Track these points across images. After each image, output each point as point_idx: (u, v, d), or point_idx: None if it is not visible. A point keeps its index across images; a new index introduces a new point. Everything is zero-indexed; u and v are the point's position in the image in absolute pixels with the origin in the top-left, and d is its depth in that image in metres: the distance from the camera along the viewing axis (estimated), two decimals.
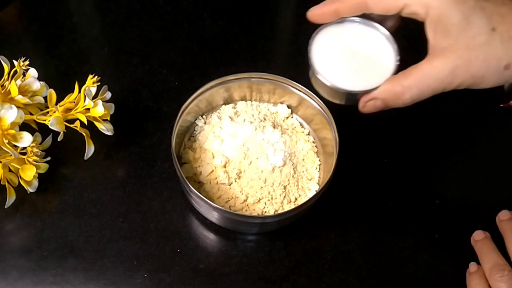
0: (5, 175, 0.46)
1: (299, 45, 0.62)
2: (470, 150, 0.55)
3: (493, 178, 0.54)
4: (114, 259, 0.46)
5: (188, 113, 0.49)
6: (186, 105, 0.48)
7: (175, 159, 0.44)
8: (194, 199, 0.45)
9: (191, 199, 0.47)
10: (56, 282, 0.45)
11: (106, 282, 0.45)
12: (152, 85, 0.57)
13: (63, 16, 0.63)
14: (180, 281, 0.45)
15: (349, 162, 0.47)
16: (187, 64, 0.60)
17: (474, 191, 0.53)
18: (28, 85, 0.48)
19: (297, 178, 0.48)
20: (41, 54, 0.60)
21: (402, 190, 0.52)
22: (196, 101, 0.49)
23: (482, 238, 0.47)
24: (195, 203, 0.46)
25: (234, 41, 0.62)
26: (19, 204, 0.48)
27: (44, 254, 0.46)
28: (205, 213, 0.47)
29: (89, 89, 0.48)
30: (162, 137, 0.53)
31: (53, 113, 0.48)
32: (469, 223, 0.50)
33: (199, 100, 0.50)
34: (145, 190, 0.50)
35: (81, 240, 0.47)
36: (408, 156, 0.54)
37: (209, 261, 0.46)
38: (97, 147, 0.49)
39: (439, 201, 0.51)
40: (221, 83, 0.50)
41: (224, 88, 0.51)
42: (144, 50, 0.60)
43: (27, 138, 0.45)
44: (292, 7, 0.68)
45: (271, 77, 0.50)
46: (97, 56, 0.61)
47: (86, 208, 0.49)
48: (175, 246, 0.47)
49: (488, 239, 0.47)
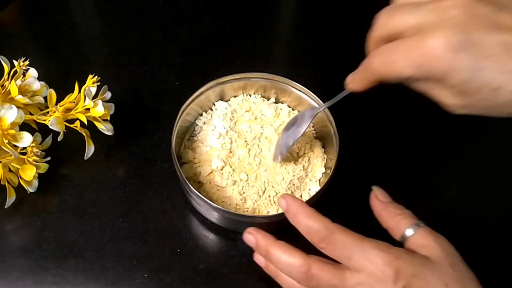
0: (5, 175, 0.46)
1: (299, 45, 0.62)
2: (470, 150, 0.55)
3: (493, 178, 0.54)
4: (114, 259, 0.46)
5: (188, 113, 0.49)
6: (186, 105, 0.48)
7: (175, 159, 0.45)
8: (194, 199, 0.46)
9: (191, 199, 0.47)
10: (56, 282, 0.45)
11: (106, 282, 0.45)
12: (152, 85, 0.57)
13: (63, 16, 0.63)
14: (180, 281, 0.45)
15: (349, 162, 0.47)
16: (187, 64, 0.60)
17: (474, 191, 0.53)
18: (28, 85, 0.48)
19: (298, 178, 0.48)
20: (41, 54, 0.60)
21: (402, 190, 0.52)
22: (196, 101, 0.49)
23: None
24: (195, 203, 0.46)
25: (234, 41, 0.62)
26: (19, 204, 0.48)
27: (44, 254, 0.46)
28: (205, 213, 0.47)
29: (89, 89, 0.48)
30: (162, 137, 0.53)
31: (53, 113, 0.48)
32: (469, 223, 0.50)
33: (199, 100, 0.50)
34: (145, 190, 0.50)
35: (81, 240, 0.47)
36: (408, 156, 0.54)
37: (209, 261, 0.46)
38: (97, 147, 0.49)
39: (439, 201, 0.51)
40: (221, 83, 0.50)
41: (223, 88, 0.51)
42: (144, 50, 0.61)
43: (27, 138, 0.45)
44: (292, 7, 0.68)
45: (271, 77, 0.50)
46: (97, 56, 0.61)
47: (86, 208, 0.49)
48: (175, 246, 0.47)
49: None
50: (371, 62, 0.34)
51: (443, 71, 0.30)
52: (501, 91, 0.30)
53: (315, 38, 0.63)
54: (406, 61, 0.31)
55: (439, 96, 0.33)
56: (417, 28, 0.31)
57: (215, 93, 0.51)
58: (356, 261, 0.34)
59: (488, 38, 0.29)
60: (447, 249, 0.37)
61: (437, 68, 0.30)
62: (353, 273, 0.35)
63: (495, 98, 0.31)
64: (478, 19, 0.30)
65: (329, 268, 0.35)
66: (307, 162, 0.50)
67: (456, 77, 0.30)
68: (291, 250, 0.37)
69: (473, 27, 0.29)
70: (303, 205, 0.38)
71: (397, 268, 0.34)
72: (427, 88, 0.33)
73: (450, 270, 0.35)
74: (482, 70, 0.30)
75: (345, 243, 0.35)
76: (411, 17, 0.32)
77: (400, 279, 0.34)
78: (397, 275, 0.34)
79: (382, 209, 0.39)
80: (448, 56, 0.29)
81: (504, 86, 0.30)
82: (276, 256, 0.37)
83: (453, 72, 0.30)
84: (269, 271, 0.40)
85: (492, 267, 0.47)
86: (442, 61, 0.30)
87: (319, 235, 0.36)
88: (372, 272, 0.34)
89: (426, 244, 0.37)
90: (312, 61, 0.61)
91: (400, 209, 0.39)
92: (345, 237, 0.35)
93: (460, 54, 0.29)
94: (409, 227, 0.38)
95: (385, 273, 0.34)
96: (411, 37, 0.31)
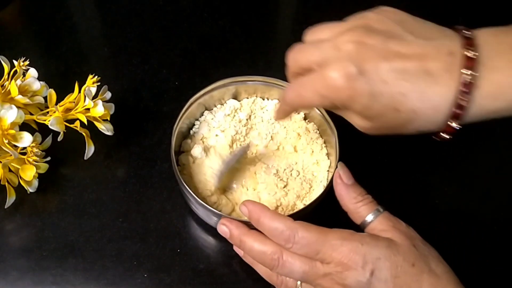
0: (5, 175, 0.46)
1: None
2: (470, 150, 0.55)
3: (493, 178, 0.54)
4: (114, 259, 0.46)
5: (187, 116, 0.49)
6: (186, 107, 0.48)
7: (175, 164, 0.44)
8: (193, 204, 0.45)
9: (190, 203, 0.46)
10: (56, 282, 0.45)
11: (106, 282, 0.45)
12: (152, 85, 0.57)
13: (63, 16, 0.63)
14: (180, 281, 0.45)
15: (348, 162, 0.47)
16: (187, 64, 0.60)
17: (474, 191, 0.53)
18: (28, 85, 0.48)
19: (299, 181, 0.48)
20: (41, 54, 0.60)
21: (402, 190, 0.52)
22: (196, 104, 0.49)
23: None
24: (194, 207, 0.46)
25: (234, 41, 0.62)
26: (19, 204, 0.48)
27: (44, 254, 0.46)
28: (204, 217, 0.46)
29: (89, 89, 0.48)
30: (162, 137, 0.53)
31: (53, 113, 0.48)
32: (469, 223, 0.50)
33: (198, 103, 0.50)
34: (145, 190, 0.50)
35: (81, 240, 0.47)
36: (408, 156, 0.54)
37: (209, 261, 0.46)
38: (97, 147, 0.49)
39: (439, 201, 0.51)
40: (222, 86, 0.50)
41: (225, 90, 0.51)
42: (144, 50, 0.61)
43: (27, 138, 0.45)
44: (292, 7, 0.68)
45: (267, 80, 0.50)
46: (97, 56, 0.61)
47: (86, 208, 0.49)
48: (175, 246, 0.47)
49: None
50: (285, 97, 0.38)
51: (344, 99, 0.33)
52: (400, 112, 0.33)
53: None
54: (312, 93, 0.34)
55: (351, 121, 0.36)
56: (320, 63, 0.34)
57: (216, 95, 0.51)
58: (324, 253, 0.36)
59: (380, 66, 0.32)
60: (406, 231, 0.38)
61: (339, 97, 0.33)
62: (323, 264, 0.36)
63: (397, 118, 0.33)
64: (369, 50, 0.33)
65: (300, 255, 0.37)
66: (309, 166, 0.49)
67: (358, 104, 0.33)
68: (263, 239, 0.39)
69: (365, 58, 0.32)
70: (264, 208, 0.39)
71: (363, 253, 0.35)
72: (342, 114, 0.36)
73: (413, 250, 0.37)
74: (379, 95, 0.32)
75: (309, 239, 0.36)
76: (314, 54, 0.35)
77: (367, 263, 0.35)
78: (364, 260, 0.35)
79: (344, 192, 0.41)
80: (346, 85, 0.32)
81: (402, 107, 0.32)
82: (249, 244, 0.39)
83: (353, 99, 0.33)
84: (247, 260, 0.42)
85: (492, 267, 0.47)
86: (342, 90, 0.33)
87: (283, 236, 0.37)
88: (340, 261, 0.36)
89: (387, 229, 0.38)
90: None
91: (361, 195, 0.41)
92: (309, 233, 0.37)
93: (357, 82, 0.32)
94: (369, 213, 0.39)
95: (352, 260, 0.35)
96: (315, 72, 0.34)
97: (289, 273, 0.38)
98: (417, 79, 0.32)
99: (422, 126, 0.34)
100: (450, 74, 0.32)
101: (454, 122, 0.33)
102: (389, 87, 0.32)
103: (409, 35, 0.33)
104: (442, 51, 0.32)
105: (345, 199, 0.41)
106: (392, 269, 0.35)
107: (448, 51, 0.32)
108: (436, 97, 0.32)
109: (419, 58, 0.32)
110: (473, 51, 0.32)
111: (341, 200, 0.41)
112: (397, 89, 0.32)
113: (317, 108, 0.49)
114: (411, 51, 0.32)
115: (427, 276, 0.36)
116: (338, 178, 0.41)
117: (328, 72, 0.33)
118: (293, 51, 0.37)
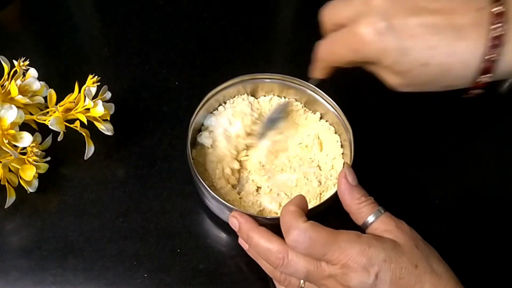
0: (5, 175, 0.46)
1: (299, 45, 0.62)
2: (471, 149, 0.55)
3: (493, 178, 0.54)
4: (114, 259, 0.46)
5: (201, 114, 0.49)
6: (203, 102, 0.48)
7: (191, 160, 0.44)
8: (207, 198, 0.45)
9: (204, 198, 0.46)
10: (56, 282, 0.45)
11: (106, 282, 0.45)
12: (152, 85, 0.57)
13: (63, 16, 0.63)
14: (180, 281, 0.45)
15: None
16: (187, 64, 0.60)
17: (474, 191, 0.53)
18: (28, 85, 0.48)
19: (315, 180, 0.48)
20: (41, 54, 0.60)
21: (402, 190, 0.52)
22: (213, 99, 0.49)
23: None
24: (208, 202, 0.46)
25: (234, 41, 0.62)
26: (19, 204, 0.48)
27: (44, 254, 0.46)
28: (218, 212, 0.46)
29: (89, 89, 0.48)
30: (162, 137, 0.53)
31: (53, 113, 0.48)
32: (469, 222, 0.50)
33: (215, 99, 0.50)
34: (145, 190, 0.50)
35: (81, 240, 0.47)
36: (408, 156, 0.54)
37: (209, 261, 0.46)
38: (97, 147, 0.49)
39: (439, 201, 0.51)
40: (239, 82, 0.50)
41: (237, 88, 0.51)
42: (144, 50, 0.61)
43: (27, 138, 0.45)
44: (292, 7, 0.68)
45: (286, 78, 0.50)
46: (97, 56, 0.61)
47: (86, 208, 0.49)
48: (175, 246, 0.47)
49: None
50: (318, 52, 0.39)
51: (375, 54, 0.34)
52: (429, 66, 0.34)
53: (315, 38, 0.63)
54: (343, 48, 0.36)
55: (382, 76, 0.37)
56: (351, 19, 0.35)
57: (229, 92, 0.51)
58: (331, 255, 0.36)
59: (409, 21, 0.33)
60: (409, 232, 0.38)
61: (369, 51, 0.34)
62: (328, 264, 0.36)
63: (427, 73, 0.34)
64: (398, 5, 0.33)
65: (305, 255, 0.37)
66: (324, 165, 0.49)
67: (388, 58, 0.34)
68: (270, 237, 0.39)
69: (395, 13, 0.33)
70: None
71: (370, 256, 0.36)
72: (373, 70, 0.37)
73: (416, 251, 0.37)
74: (407, 50, 0.33)
75: (318, 240, 0.36)
76: (346, 10, 0.36)
77: (373, 266, 0.35)
78: (370, 262, 0.35)
79: (348, 192, 0.41)
80: (376, 40, 0.34)
81: (431, 61, 0.33)
82: (256, 240, 0.39)
83: (383, 54, 0.34)
84: (251, 254, 0.43)
85: (492, 267, 0.47)
86: (372, 45, 0.34)
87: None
88: (346, 263, 0.36)
89: (390, 229, 0.38)
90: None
91: (364, 196, 0.41)
92: (318, 234, 0.37)
93: (386, 37, 0.33)
94: (371, 214, 0.39)
95: (358, 262, 0.35)
96: (346, 27, 0.36)
97: (293, 273, 0.38)
98: (445, 34, 0.33)
99: (451, 81, 0.35)
100: (479, 30, 0.32)
101: (483, 78, 0.34)
102: (417, 42, 0.33)
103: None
104: (471, 7, 0.33)
105: (348, 199, 0.41)
106: (397, 270, 0.35)
107: (477, 7, 0.33)
108: (465, 52, 0.33)
109: (447, 13, 0.33)
110: (502, 7, 0.32)
111: (344, 200, 0.41)
112: (426, 43, 0.33)
113: (332, 107, 0.49)
114: (439, 6, 0.33)
115: (429, 276, 0.36)
116: (343, 178, 0.41)
117: (358, 27, 0.34)
118: (327, 7, 0.38)
